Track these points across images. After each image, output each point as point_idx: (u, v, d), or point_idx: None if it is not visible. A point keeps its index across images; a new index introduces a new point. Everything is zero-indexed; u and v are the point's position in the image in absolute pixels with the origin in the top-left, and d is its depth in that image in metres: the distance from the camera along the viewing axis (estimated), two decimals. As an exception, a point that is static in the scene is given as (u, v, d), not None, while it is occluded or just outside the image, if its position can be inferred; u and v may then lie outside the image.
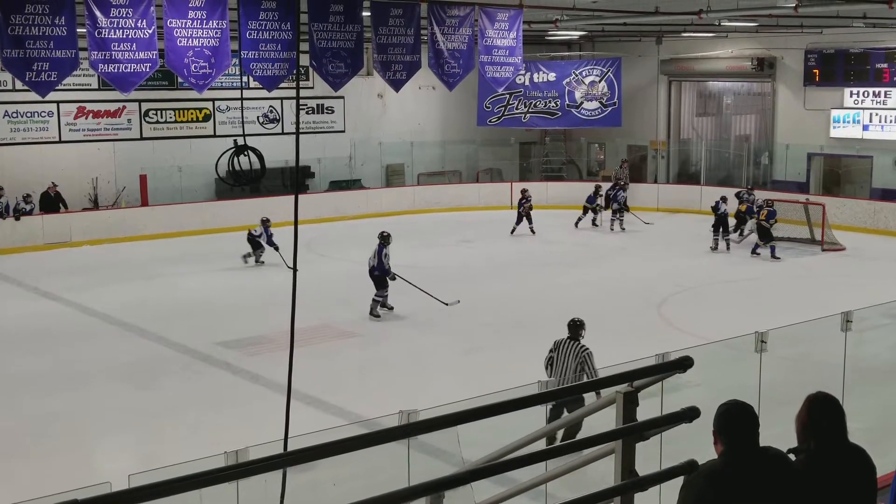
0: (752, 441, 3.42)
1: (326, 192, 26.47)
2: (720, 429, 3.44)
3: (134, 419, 10.93)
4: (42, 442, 10.19)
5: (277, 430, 4.27)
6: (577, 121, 28.64)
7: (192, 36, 12.67)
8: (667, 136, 29.39)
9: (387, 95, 27.41)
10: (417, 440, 6.56)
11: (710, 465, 3.46)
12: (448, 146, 29.56)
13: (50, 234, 21.64)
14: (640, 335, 13.64)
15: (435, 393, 10.25)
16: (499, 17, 15.38)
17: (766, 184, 26.37)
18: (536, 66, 28.20)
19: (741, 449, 3.40)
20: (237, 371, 12.37)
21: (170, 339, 13.77)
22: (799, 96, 26.06)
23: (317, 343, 13.34)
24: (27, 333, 14.42)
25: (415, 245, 21.32)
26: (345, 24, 13.81)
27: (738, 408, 3.45)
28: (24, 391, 11.79)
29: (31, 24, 11.42)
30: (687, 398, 4.35)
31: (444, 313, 15.31)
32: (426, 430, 3.59)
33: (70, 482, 7.58)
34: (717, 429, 3.45)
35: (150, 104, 24.56)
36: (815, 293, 16.62)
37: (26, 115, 22.89)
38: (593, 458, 3.87)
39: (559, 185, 28.26)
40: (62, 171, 23.10)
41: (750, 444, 3.41)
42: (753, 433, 3.43)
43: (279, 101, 26.06)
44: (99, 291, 17.13)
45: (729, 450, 3.41)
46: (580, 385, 8.39)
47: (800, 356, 11.13)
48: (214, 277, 18.48)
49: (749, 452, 3.40)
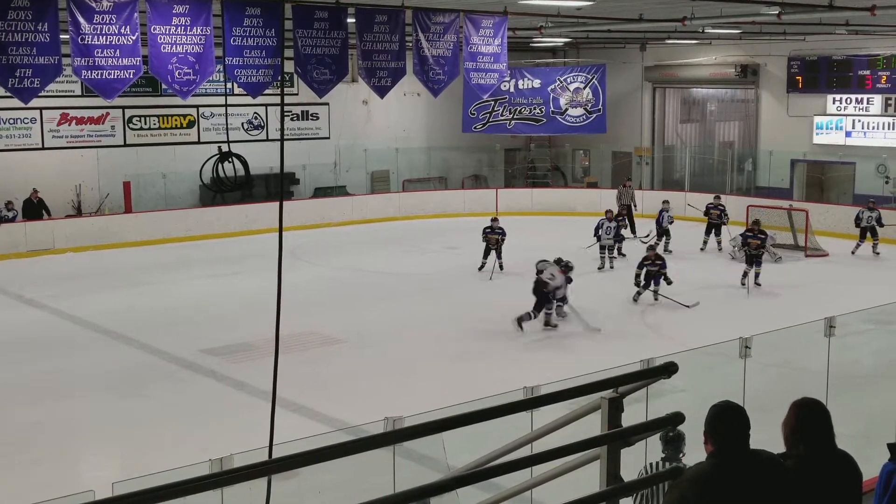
0: (743, 443, 3.42)
1: (311, 198, 26.44)
2: (711, 430, 3.44)
3: (118, 427, 10.87)
4: (26, 451, 10.12)
5: (262, 438, 4.26)
6: (561, 127, 28.73)
7: (176, 42, 12.63)
8: (651, 143, 29.51)
9: (371, 102, 27.42)
10: (403, 447, 6.55)
11: (697, 468, 3.46)
12: (433, 152, 29.59)
13: (33, 241, 21.52)
14: (625, 341, 13.68)
15: (420, 399, 10.24)
16: (483, 23, 15.41)
17: (749, 190, 26.51)
18: (521, 73, 28.28)
19: (731, 451, 3.39)
20: (222, 378, 12.33)
21: (155, 347, 13.71)
22: (782, 103, 26.23)
23: (302, 350, 13.31)
24: (10, 341, 14.33)
25: (400, 251, 21.34)
26: (329, 30, 13.80)
27: (730, 409, 3.46)
28: (7, 400, 11.71)
29: (14, 31, 11.35)
30: (672, 404, 4.36)
31: (428, 320, 15.29)
32: (412, 436, 3.58)
33: (54, 491, 7.54)
34: (707, 430, 3.45)
35: (133, 111, 24.46)
36: (799, 299, 16.70)
37: (9, 121, 22.77)
38: (578, 464, 3.87)
39: (544, 191, 28.33)
40: (45, 178, 22.99)
41: (740, 446, 3.41)
42: (744, 435, 3.43)
43: (264, 107, 26.02)
44: (83, 299, 17.04)
45: (718, 451, 3.41)
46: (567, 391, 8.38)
47: (784, 362, 11.18)
48: (199, 284, 18.41)
49: (739, 455, 3.40)
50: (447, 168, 29.80)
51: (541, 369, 12.85)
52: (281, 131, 7.31)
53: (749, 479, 3.35)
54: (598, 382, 3.81)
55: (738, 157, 27.80)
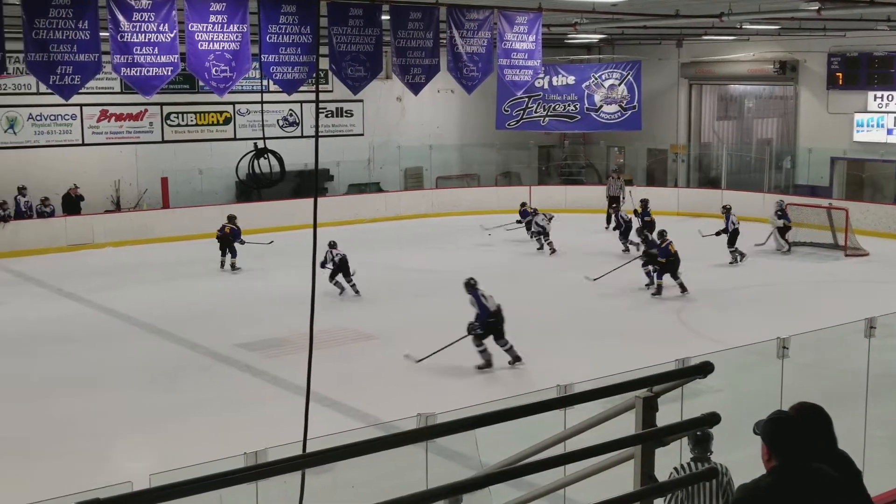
0: (808, 458, 3.23)
1: (345, 195, 26.53)
2: (773, 444, 3.25)
3: (155, 420, 10.99)
4: (64, 441, 10.26)
5: (296, 432, 4.28)
6: (596, 124, 28.56)
7: (213, 40, 12.74)
8: (687, 140, 29.27)
9: (405, 99, 27.47)
10: (435, 443, 6.56)
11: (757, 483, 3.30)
12: (466, 149, 29.57)
13: (72, 235, 21.81)
14: (660, 340, 13.59)
15: (453, 396, 10.25)
16: (518, 20, 15.37)
17: (788, 188, 26.22)
18: (556, 70, 28.15)
19: (795, 467, 3.20)
20: (257, 373, 12.42)
21: (191, 341, 13.84)
22: (822, 100, 25.89)
23: (335, 345, 13.37)
24: (49, 334, 14.54)
25: (433, 248, 21.36)
26: (364, 27, 13.84)
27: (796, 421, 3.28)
28: (46, 391, 11.89)
29: (55, 28, 11.51)
30: (707, 404, 4.33)
31: (463, 315, 15.29)
32: (444, 433, 3.58)
33: (92, 481, 7.63)
34: (770, 444, 3.27)
35: (171, 107, 24.71)
36: (839, 299, 16.49)
37: (50, 118, 23.10)
38: (611, 464, 3.85)
39: (578, 188, 28.19)
40: (85, 174, 23.29)
41: (805, 462, 3.22)
42: (811, 448, 3.25)
43: (299, 104, 26.15)
44: (121, 293, 17.25)
45: (781, 468, 3.24)
46: (601, 390, 8.34)
47: (822, 362, 11.05)
48: (234, 279, 18.56)
49: (803, 472, 3.21)
50: (480, 165, 29.77)
51: (573, 367, 12.80)
52: (316, 128, 7.36)
53: (812, 496, 3.21)
54: (633, 381, 3.78)
55: (777, 155, 27.50)
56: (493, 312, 12.47)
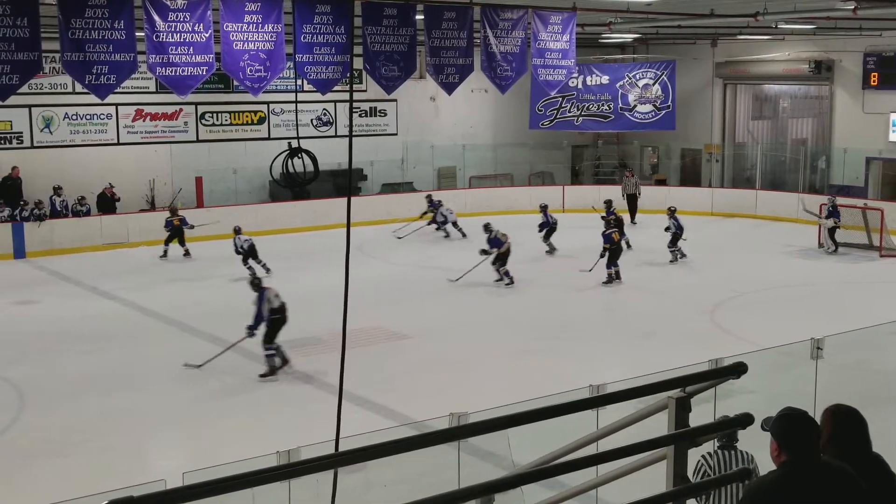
0: (817, 453, 3.28)
1: (379, 194, 26.60)
2: (783, 440, 3.28)
3: (188, 418, 11.09)
4: (97, 439, 10.38)
5: (329, 431, 4.30)
6: (630, 124, 28.42)
7: (247, 40, 12.85)
8: (721, 140, 29.04)
9: (439, 98, 27.47)
10: (468, 443, 6.57)
11: (768, 478, 3.31)
12: (500, 149, 29.53)
13: (108, 234, 22.04)
14: (693, 341, 13.50)
15: (486, 396, 10.25)
16: (552, 19, 15.34)
17: (823, 188, 25.93)
18: (589, 69, 28.04)
19: (806, 462, 3.25)
20: (290, 371, 12.48)
21: (224, 339, 13.92)
22: (857, 99, 25.59)
23: (368, 345, 13.41)
24: (84, 332, 14.71)
25: (465, 247, 21.31)
26: (398, 27, 13.89)
27: (805, 418, 3.31)
28: (80, 389, 12.03)
29: (91, 28, 11.66)
30: (741, 405, 4.30)
31: (493, 316, 15.30)
32: (476, 432, 3.59)
33: (125, 479, 7.74)
34: (779, 440, 3.30)
35: (206, 107, 24.91)
36: (874, 300, 16.29)
37: (86, 117, 23.37)
38: (644, 464, 3.84)
39: (611, 188, 28.04)
40: (120, 173, 23.53)
41: (815, 456, 3.27)
42: (818, 445, 3.30)
43: (332, 104, 26.26)
44: (155, 291, 17.42)
45: (792, 462, 3.26)
46: (633, 390, 8.32)
47: (857, 363, 10.92)
48: (267, 278, 18.64)
49: (813, 466, 3.25)
50: (513, 165, 29.71)
51: (607, 367, 12.77)
52: (349, 127, 7.39)
53: (821, 491, 3.25)
54: (666, 382, 3.77)
55: (812, 155, 27.21)
56: (277, 309, 12.35)
